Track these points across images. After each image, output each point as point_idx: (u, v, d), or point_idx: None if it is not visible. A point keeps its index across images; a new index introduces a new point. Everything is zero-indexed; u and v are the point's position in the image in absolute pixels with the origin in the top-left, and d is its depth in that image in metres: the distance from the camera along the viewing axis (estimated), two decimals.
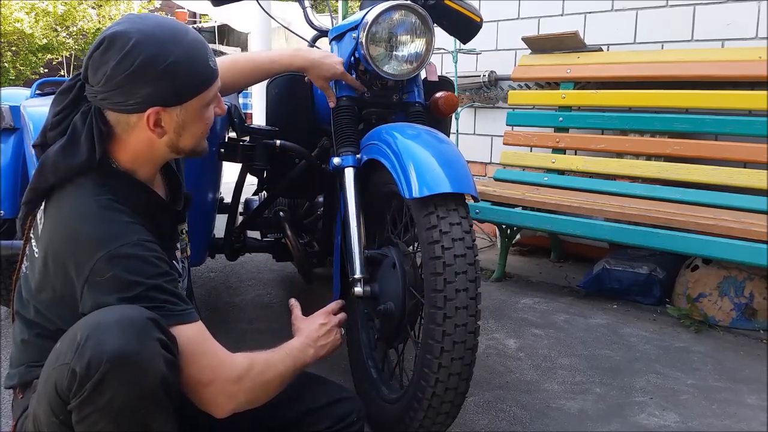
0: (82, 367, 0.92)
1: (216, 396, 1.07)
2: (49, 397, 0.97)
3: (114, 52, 1.05)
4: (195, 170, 1.39)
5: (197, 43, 1.12)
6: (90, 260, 1.02)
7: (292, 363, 1.20)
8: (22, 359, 1.15)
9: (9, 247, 1.79)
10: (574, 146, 2.96)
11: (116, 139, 1.13)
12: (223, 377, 1.07)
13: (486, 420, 1.67)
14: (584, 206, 2.50)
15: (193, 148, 1.19)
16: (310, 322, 1.35)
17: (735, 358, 2.09)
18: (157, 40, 1.07)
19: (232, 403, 1.08)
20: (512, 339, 2.24)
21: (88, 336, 0.94)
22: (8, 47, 10.95)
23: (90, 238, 1.03)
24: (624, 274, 2.63)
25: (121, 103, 1.08)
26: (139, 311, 0.99)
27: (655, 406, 1.76)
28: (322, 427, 1.26)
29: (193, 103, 1.13)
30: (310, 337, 1.29)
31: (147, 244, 1.06)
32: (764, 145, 2.37)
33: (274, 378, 1.15)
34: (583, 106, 2.99)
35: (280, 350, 1.21)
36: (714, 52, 2.65)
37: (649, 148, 2.74)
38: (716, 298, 2.39)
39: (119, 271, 1.02)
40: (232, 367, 1.08)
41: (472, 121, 3.67)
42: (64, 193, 1.10)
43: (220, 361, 1.08)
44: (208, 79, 1.13)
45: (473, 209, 2.66)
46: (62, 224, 1.07)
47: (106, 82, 1.06)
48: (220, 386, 1.07)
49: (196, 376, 1.05)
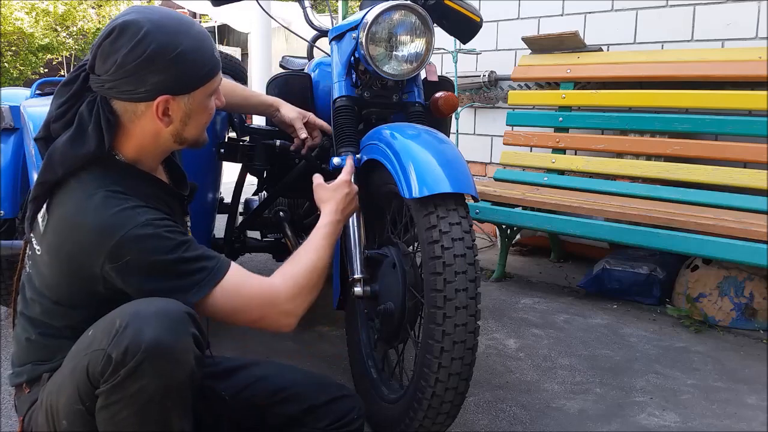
0: (118, 353, 0.94)
1: (275, 322, 1.15)
2: (78, 383, 0.98)
3: (125, 40, 1.06)
4: (195, 170, 1.39)
5: (203, 34, 1.15)
6: (103, 249, 1.03)
7: (330, 247, 1.27)
8: (28, 358, 1.15)
9: (9, 247, 1.80)
10: (574, 146, 2.96)
11: (122, 129, 1.14)
12: (273, 307, 1.14)
13: (486, 420, 1.67)
14: (584, 206, 2.50)
15: (196, 139, 1.21)
16: (334, 192, 1.37)
17: (735, 358, 2.09)
18: (167, 30, 1.09)
19: (291, 318, 1.16)
20: (512, 339, 2.24)
21: (127, 324, 0.96)
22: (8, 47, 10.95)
23: (99, 227, 1.04)
24: (624, 274, 2.63)
25: (130, 92, 1.09)
26: (177, 305, 1.01)
27: (655, 406, 1.76)
28: (322, 425, 1.27)
29: (200, 92, 1.15)
30: (338, 210, 1.34)
31: (156, 222, 1.07)
32: (764, 145, 2.37)
33: (319, 274, 1.22)
34: (583, 106, 2.99)
35: (316, 238, 1.26)
36: (714, 52, 2.65)
37: (649, 148, 2.74)
38: (716, 298, 2.39)
39: (136, 254, 1.04)
40: (279, 295, 1.14)
41: (472, 121, 3.67)
42: (67, 189, 1.10)
43: (262, 297, 1.14)
44: (214, 69, 1.16)
45: (473, 209, 2.66)
46: (69, 219, 1.08)
47: (116, 71, 1.07)
48: (274, 315, 1.14)
49: (250, 318, 1.13)
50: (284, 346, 2.13)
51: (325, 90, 1.85)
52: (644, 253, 2.69)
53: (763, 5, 2.58)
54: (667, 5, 2.86)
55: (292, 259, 1.23)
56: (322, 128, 1.74)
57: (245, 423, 1.27)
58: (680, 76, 2.68)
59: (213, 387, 1.25)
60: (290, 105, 1.74)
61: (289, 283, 1.17)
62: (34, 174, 1.73)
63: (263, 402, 1.26)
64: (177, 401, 0.99)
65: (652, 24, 2.91)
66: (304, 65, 2.17)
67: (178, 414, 1.00)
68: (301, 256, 1.23)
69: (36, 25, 11.15)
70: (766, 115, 2.38)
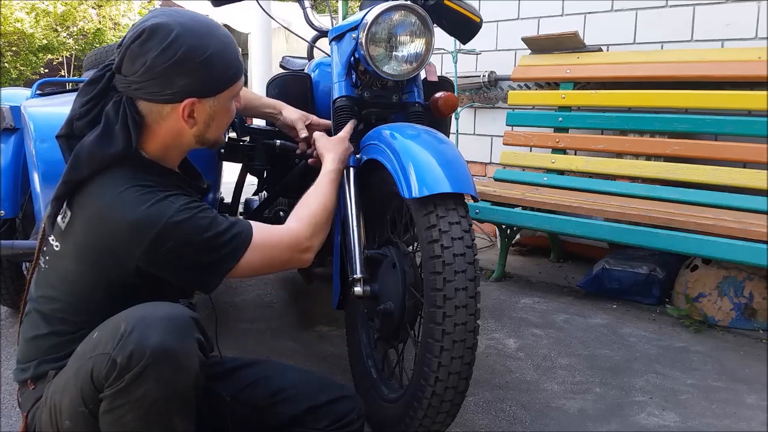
0: (123, 358, 0.94)
1: (298, 260, 1.27)
2: (82, 386, 0.99)
3: (155, 43, 1.08)
4: None
5: (229, 37, 1.17)
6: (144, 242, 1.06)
7: (335, 191, 1.41)
8: (34, 354, 1.16)
9: (9, 247, 1.79)
10: (574, 146, 2.97)
11: (147, 129, 1.16)
12: (297, 248, 1.25)
13: (486, 420, 1.68)
14: (584, 206, 2.51)
15: (216, 140, 1.24)
16: (336, 144, 1.51)
17: (735, 358, 2.09)
18: (196, 33, 1.11)
19: (310, 253, 1.28)
20: (512, 339, 2.24)
21: (132, 328, 0.96)
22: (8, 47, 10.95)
23: (137, 222, 1.07)
24: (624, 274, 2.63)
25: (156, 93, 1.11)
26: (183, 310, 1.03)
27: (654, 406, 1.77)
28: (322, 425, 1.27)
29: (224, 95, 1.17)
30: (340, 159, 1.48)
31: (190, 206, 1.11)
32: (764, 145, 2.37)
33: (329, 213, 1.35)
34: (583, 107, 2.99)
35: (323, 183, 1.39)
36: (714, 52, 2.65)
37: (649, 148, 2.74)
38: (716, 298, 2.39)
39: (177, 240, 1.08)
40: (300, 236, 1.26)
41: (472, 121, 3.67)
42: (95, 186, 1.12)
43: (289, 241, 1.25)
44: (238, 72, 1.18)
45: (473, 209, 2.66)
46: (101, 215, 1.09)
47: (145, 72, 1.09)
48: (297, 255, 1.26)
49: (281, 262, 1.25)
50: (284, 346, 2.14)
51: (325, 90, 1.85)
52: (644, 253, 2.69)
53: (763, 5, 2.59)
54: (667, 5, 2.86)
55: (302, 202, 1.33)
56: (326, 128, 1.74)
57: (245, 423, 1.27)
58: (680, 76, 2.68)
59: (213, 387, 1.25)
60: (292, 108, 1.75)
61: (305, 222, 1.28)
62: (34, 174, 1.73)
63: (263, 402, 1.27)
64: (181, 405, 1.00)
65: (652, 24, 2.91)
66: (304, 65, 2.17)
67: (182, 417, 1.01)
68: (311, 200, 1.34)
69: (36, 25, 11.15)
70: (766, 115, 2.38)
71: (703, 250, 2.20)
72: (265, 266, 1.22)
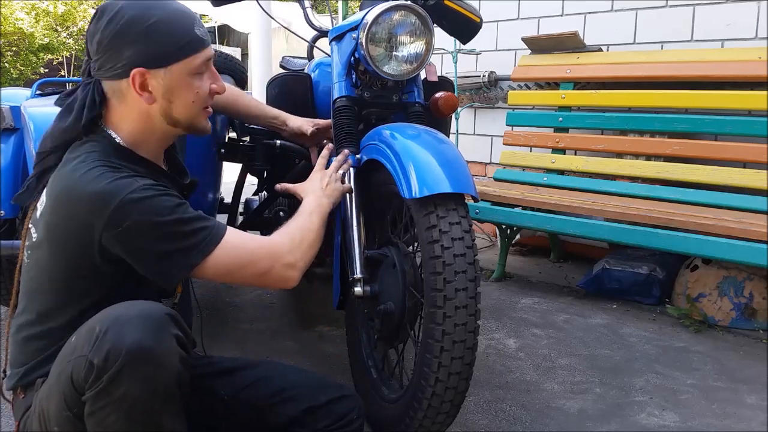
0: (100, 359, 0.93)
1: (282, 274, 1.18)
2: (64, 390, 0.98)
3: (105, 20, 1.11)
4: (195, 170, 1.39)
5: (182, 10, 1.16)
6: (103, 216, 1.04)
7: (319, 217, 1.31)
8: (22, 360, 1.15)
9: (9, 247, 1.79)
10: (574, 146, 2.97)
11: (113, 110, 1.17)
12: (279, 259, 1.18)
13: (486, 420, 1.68)
14: (584, 206, 2.51)
15: (190, 121, 1.21)
16: (310, 182, 1.45)
17: (735, 358, 2.09)
18: (141, 5, 1.12)
19: (295, 270, 1.20)
20: (512, 339, 2.24)
21: (107, 329, 0.95)
22: (8, 47, 10.95)
23: (96, 195, 1.05)
24: (624, 274, 2.63)
25: (111, 69, 1.12)
26: (158, 307, 1.01)
27: (654, 406, 1.77)
28: (322, 425, 1.27)
29: (179, 67, 1.15)
30: (316, 191, 1.40)
31: (154, 186, 1.08)
32: (764, 145, 2.37)
33: (314, 236, 1.27)
34: (583, 107, 2.99)
35: (303, 214, 1.31)
36: (714, 52, 2.65)
37: (649, 148, 2.74)
38: (716, 298, 2.39)
39: (136, 217, 1.04)
40: (280, 247, 1.19)
41: (472, 121, 3.67)
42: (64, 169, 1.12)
43: (268, 248, 1.18)
44: (193, 46, 1.15)
45: (473, 209, 2.66)
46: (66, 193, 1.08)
47: (98, 50, 1.12)
48: (279, 266, 1.17)
49: (258, 270, 1.16)
50: (284, 346, 2.14)
51: (325, 90, 1.85)
52: (644, 253, 2.69)
53: (763, 5, 2.59)
54: (667, 5, 2.86)
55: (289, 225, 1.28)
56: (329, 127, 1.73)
57: (245, 424, 1.27)
58: (680, 76, 2.68)
59: (212, 387, 1.25)
60: (294, 116, 1.75)
61: (286, 237, 1.22)
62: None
63: (263, 402, 1.26)
64: (165, 403, 0.98)
65: (652, 24, 2.91)
66: (304, 65, 2.17)
67: (169, 415, 0.99)
68: (291, 221, 1.29)
69: (36, 25, 11.15)
70: (766, 115, 2.38)
71: (703, 250, 2.20)
72: (239, 271, 1.14)
